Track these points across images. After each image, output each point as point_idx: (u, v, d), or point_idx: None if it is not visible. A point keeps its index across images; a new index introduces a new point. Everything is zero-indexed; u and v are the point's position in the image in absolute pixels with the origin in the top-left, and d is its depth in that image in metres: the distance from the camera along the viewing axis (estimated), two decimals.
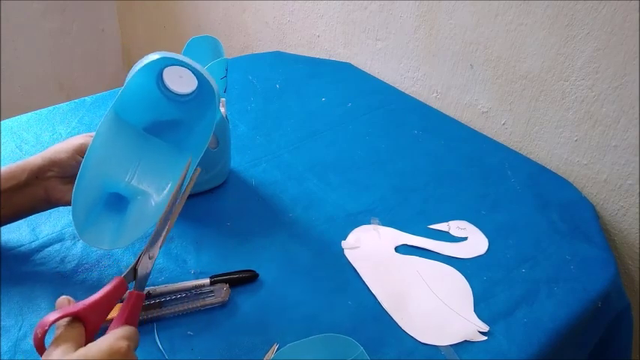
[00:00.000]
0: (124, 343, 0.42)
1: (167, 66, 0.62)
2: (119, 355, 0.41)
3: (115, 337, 0.42)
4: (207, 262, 0.63)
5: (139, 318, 0.53)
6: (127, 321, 0.46)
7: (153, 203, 0.59)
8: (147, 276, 0.49)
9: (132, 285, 0.49)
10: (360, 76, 1.11)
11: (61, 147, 0.59)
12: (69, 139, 0.61)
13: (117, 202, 0.60)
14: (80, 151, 0.58)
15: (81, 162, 0.56)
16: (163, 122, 0.65)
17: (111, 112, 0.59)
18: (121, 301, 0.48)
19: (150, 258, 0.50)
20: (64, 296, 0.45)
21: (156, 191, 0.60)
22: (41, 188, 0.58)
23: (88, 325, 0.43)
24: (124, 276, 0.48)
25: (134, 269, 0.49)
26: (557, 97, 0.83)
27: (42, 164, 0.58)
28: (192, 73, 0.61)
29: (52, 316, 0.42)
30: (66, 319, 0.42)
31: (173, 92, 0.64)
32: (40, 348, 0.41)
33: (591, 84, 0.78)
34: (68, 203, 0.57)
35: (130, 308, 0.47)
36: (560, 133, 0.85)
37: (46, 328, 0.41)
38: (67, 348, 0.40)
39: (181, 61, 0.58)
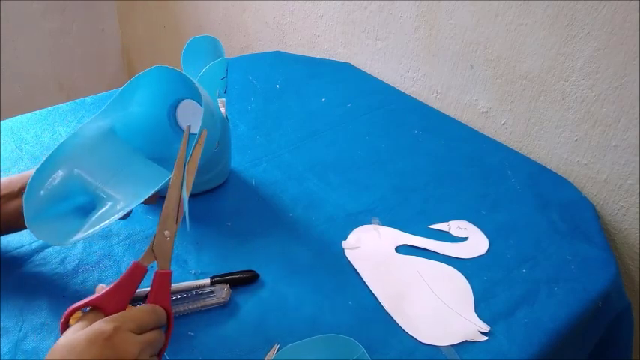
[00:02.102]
0: (108, 327, 0.41)
1: (180, 99, 0.59)
2: (101, 339, 0.40)
3: (102, 320, 0.42)
4: (208, 263, 0.63)
5: None
6: (155, 301, 0.46)
7: (117, 209, 0.55)
8: (168, 254, 0.49)
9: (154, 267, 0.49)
10: (360, 76, 1.11)
11: None
12: None
13: (85, 204, 0.56)
14: None
15: None
16: (165, 154, 0.61)
17: (106, 122, 0.56)
18: (133, 303, 0.48)
19: (167, 236, 0.49)
20: (101, 284, 0.48)
21: (124, 199, 0.55)
22: None
23: (109, 313, 0.44)
24: (140, 260, 0.47)
25: (151, 250, 0.48)
26: (557, 97, 0.83)
27: None
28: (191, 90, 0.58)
29: (74, 305, 0.43)
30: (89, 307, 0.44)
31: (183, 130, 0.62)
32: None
33: (591, 84, 0.78)
34: None
35: (156, 288, 0.47)
36: (560, 133, 0.85)
37: (65, 319, 0.43)
38: (74, 329, 0.41)
39: (183, 75, 0.55)
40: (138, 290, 0.54)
